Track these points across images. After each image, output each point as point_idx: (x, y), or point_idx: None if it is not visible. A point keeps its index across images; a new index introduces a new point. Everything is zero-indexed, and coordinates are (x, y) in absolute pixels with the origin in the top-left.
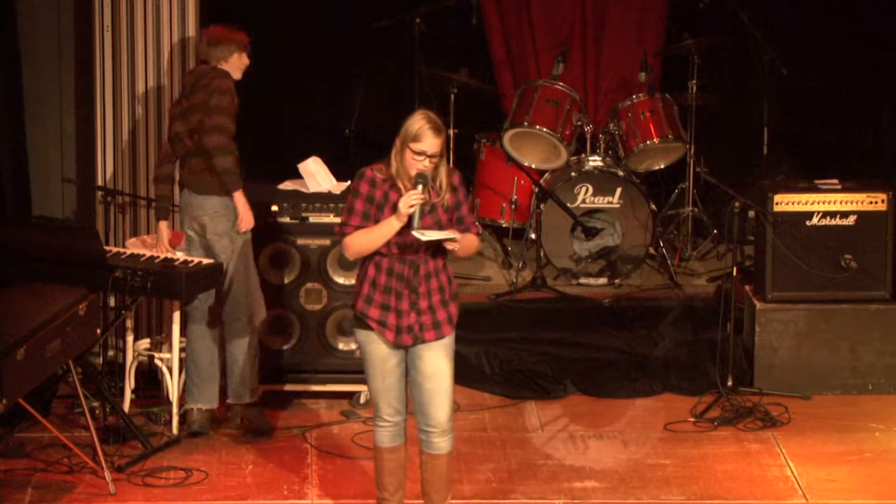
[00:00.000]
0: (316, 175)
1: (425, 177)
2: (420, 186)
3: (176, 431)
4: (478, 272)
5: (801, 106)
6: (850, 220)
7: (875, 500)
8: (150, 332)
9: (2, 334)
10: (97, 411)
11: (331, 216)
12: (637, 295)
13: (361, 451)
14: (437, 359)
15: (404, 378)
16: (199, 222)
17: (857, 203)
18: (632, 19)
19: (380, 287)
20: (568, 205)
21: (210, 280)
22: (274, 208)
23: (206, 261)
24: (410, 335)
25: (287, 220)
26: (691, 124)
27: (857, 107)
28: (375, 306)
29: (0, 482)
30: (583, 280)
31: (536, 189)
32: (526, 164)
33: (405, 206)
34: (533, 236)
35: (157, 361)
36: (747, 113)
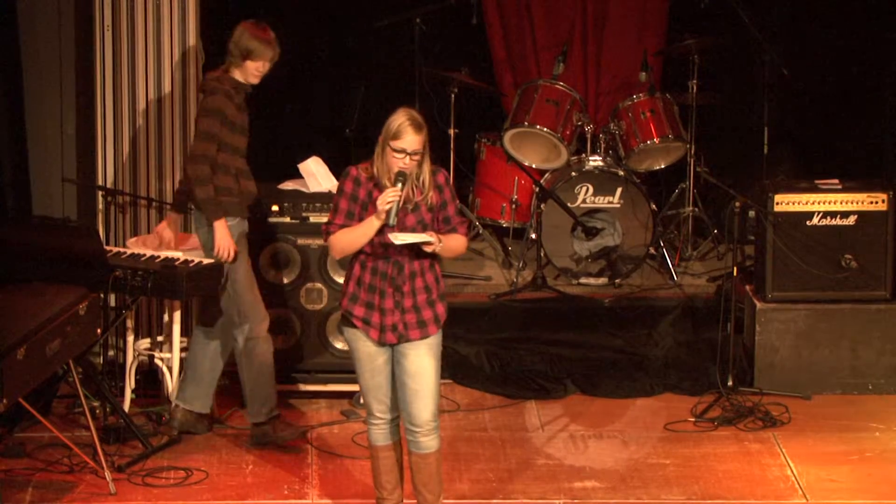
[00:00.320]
0: (316, 175)
1: (405, 175)
2: (399, 184)
3: (176, 431)
4: (478, 272)
5: (801, 106)
6: (851, 220)
7: (875, 500)
8: (150, 331)
9: (2, 334)
10: (97, 411)
11: None
12: (637, 295)
13: (361, 451)
14: (422, 358)
15: (392, 376)
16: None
17: (857, 203)
18: (632, 19)
19: (364, 285)
20: (568, 204)
21: (210, 280)
22: (274, 208)
23: (206, 260)
24: (395, 334)
25: (287, 219)
26: (692, 124)
27: (858, 106)
28: (360, 305)
29: (0, 482)
30: (583, 280)
31: (537, 189)
32: (526, 163)
33: (382, 203)
34: (533, 236)
35: (157, 361)
36: (748, 113)
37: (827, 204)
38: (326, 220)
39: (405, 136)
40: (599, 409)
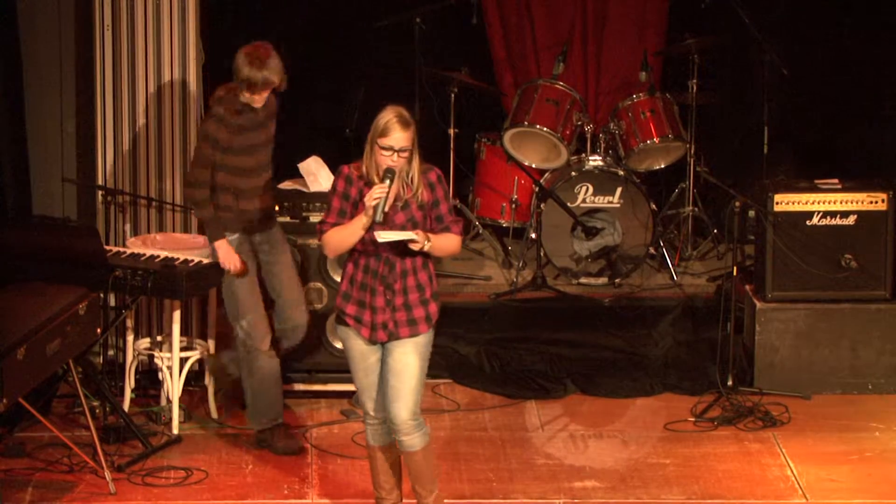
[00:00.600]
0: (316, 175)
1: (393, 172)
2: (387, 181)
3: (176, 431)
4: (478, 271)
5: (801, 105)
6: (851, 220)
7: (875, 500)
8: (150, 331)
9: (2, 334)
10: (97, 411)
11: None
12: (637, 294)
13: (361, 451)
14: (407, 356)
15: None
16: None
17: (857, 203)
18: (632, 19)
19: (357, 284)
20: (568, 204)
21: (211, 280)
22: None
23: (206, 260)
24: (385, 332)
25: (287, 219)
26: (692, 124)
27: (858, 106)
28: (353, 303)
29: (0, 481)
30: (583, 279)
31: (537, 188)
32: (526, 163)
33: (369, 200)
34: (533, 236)
35: (157, 361)
36: (747, 112)
37: (827, 204)
38: (320, 218)
39: (392, 133)
40: (599, 408)
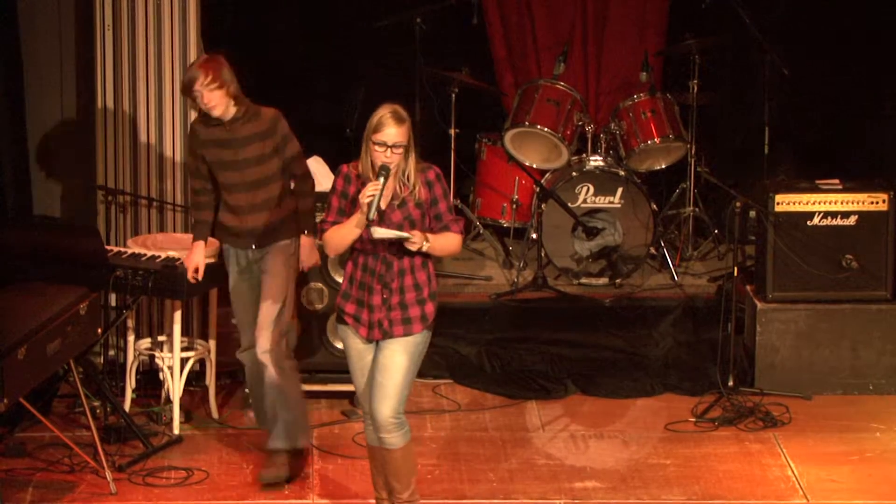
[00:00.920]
0: (317, 174)
1: (388, 169)
2: (381, 178)
3: (177, 431)
4: (479, 272)
5: (801, 106)
6: (851, 220)
7: (876, 500)
8: (150, 331)
9: (3, 334)
10: (98, 411)
11: None
12: (638, 295)
13: (362, 451)
14: (396, 354)
15: None
16: None
17: (858, 203)
18: (633, 19)
19: (356, 283)
20: (569, 204)
21: (211, 280)
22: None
23: (206, 260)
24: (380, 330)
25: None
26: (692, 124)
27: (858, 106)
28: (351, 302)
29: (1, 481)
30: (584, 280)
31: (537, 189)
32: (527, 163)
33: (363, 197)
34: (534, 236)
35: (157, 361)
36: (748, 113)
37: (827, 204)
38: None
39: (385, 129)
40: (600, 409)
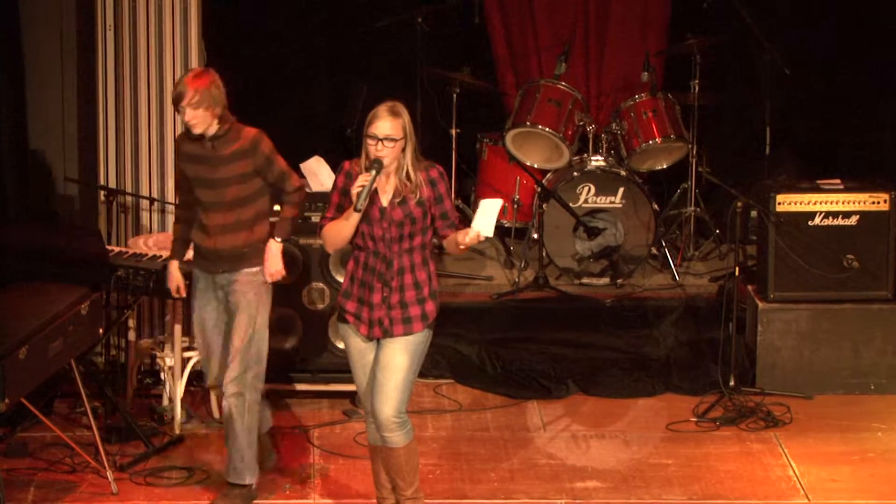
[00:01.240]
0: (318, 174)
1: (380, 162)
2: (373, 171)
3: (178, 431)
4: (480, 271)
5: (803, 106)
6: (853, 220)
7: (877, 500)
8: (152, 331)
9: (4, 334)
10: (99, 411)
11: None
12: (639, 295)
13: (363, 451)
14: (396, 353)
15: None
16: None
17: (859, 203)
18: (634, 19)
19: (357, 281)
20: (570, 204)
21: None
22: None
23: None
24: (381, 328)
25: None
26: (693, 124)
27: (859, 106)
28: (352, 300)
29: (2, 481)
30: (585, 280)
31: (539, 189)
32: (528, 163)
33: (354, 189)
34: (535, 236)
35: (159, 361)
36: (750, 113)
37: (829, 204)
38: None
39: (377, 122)
40: (601, 408)
